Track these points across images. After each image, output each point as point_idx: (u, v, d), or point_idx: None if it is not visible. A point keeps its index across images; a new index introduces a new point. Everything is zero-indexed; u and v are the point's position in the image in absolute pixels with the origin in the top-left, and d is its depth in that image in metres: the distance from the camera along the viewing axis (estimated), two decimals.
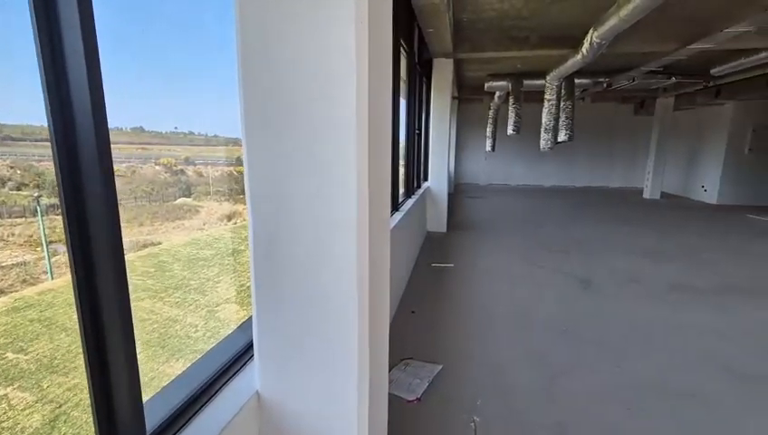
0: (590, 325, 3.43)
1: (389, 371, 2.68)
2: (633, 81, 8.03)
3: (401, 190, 4.60)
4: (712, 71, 7.42)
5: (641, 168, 12.27)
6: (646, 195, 11.23)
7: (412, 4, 3.93)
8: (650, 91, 10.37)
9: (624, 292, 4.20)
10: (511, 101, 8.63)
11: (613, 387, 2.56)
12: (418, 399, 2.39)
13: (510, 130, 8.76)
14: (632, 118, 12.80)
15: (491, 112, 11.02)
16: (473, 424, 2.20)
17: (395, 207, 4.02)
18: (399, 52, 3.67)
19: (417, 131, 5.51)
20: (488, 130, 11.35)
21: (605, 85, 8.43)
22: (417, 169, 6.01)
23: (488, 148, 11.59)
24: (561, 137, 8.06)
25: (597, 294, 4.15)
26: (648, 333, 3.30)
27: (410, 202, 4.63)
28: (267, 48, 0.99)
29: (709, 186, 10.41)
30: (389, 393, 2.44)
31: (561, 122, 8.01)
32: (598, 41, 4.62)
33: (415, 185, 5.62)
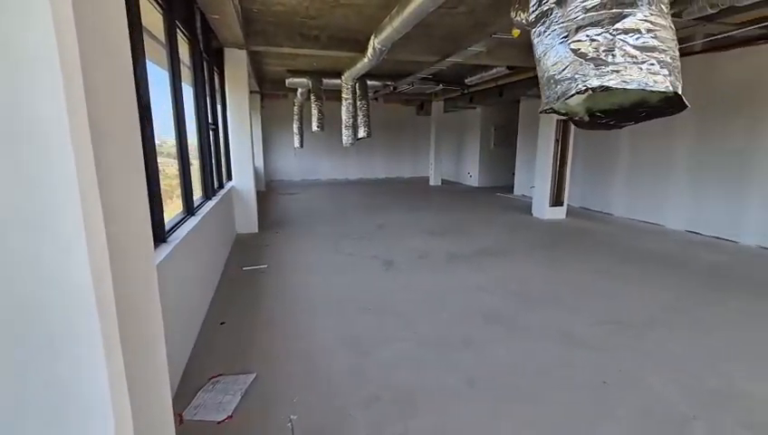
0: (392, 300, 3.86)
1: (195, 395, 2.40)
2: (412, 85, 9.37)
3: (197, 193, 4.14)
4: (466, 80, 9.32)
5: (426, 159, 14.52)
6: (431, 182, 13.39)
7: None
8: (426, 96, 12.34)
9: (417, 266, 4.89)
10: (312, 98, 8.87)
11: (412, 350, 2.95)
12: (230, 417, 2.21)
13: (314, 127, 9.02)
14: (415, 117, 14.99)
15: (295, 109, 11.09)
16: (290, 424, 2.18)
17: (190, 211, 3.59)
18: (175, 35, 3.24)
19: (212, 126, 5.05)
20: (295, 126, 11.41)
21: (392, 88, 9.57)
22: (217, 168, 5.53)
23: (296, 144, 11.67)
24: (361, 133, 8.77)
25: (397, 271, 4.70)
26: (434, 298, 3.93)
27: (210, 204, 4.22)
28: None
29: (473, 173, 13.16)
30: (195, 421, 2.18)
31: (359, 120, 8.70)
32: (379, 46, 5.16)
33: (216, 185, 5.16)
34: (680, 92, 1.13)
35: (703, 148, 6.41)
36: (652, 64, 1.06)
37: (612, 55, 1.08)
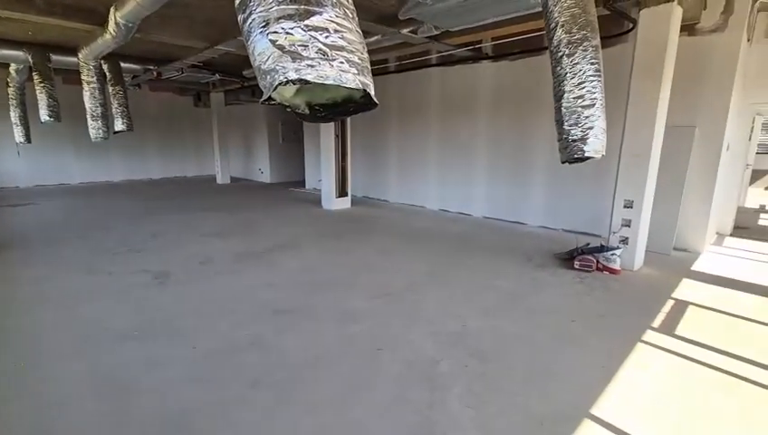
0: (167, 318, 3.36)
1: None
2: (182, 72, 8.34)
3: None
4: (244, 72, 8.91)
5: (212, 156, 13.29)
6: (219, 181, 12.38)
7: None
8: (202, 85, 11.24)
9: (199, 274, 4.41)
10: (37, 78, 6.80)
11: (188, 369, 2.62)
12: None
13: (45, 117, 6.96)
14: (194, 109, 13.49)
15: (12, 91, 8.28)
16: None
17: None
18: None
19: None
20: (13, 114, 8.52)
21: (155, 74, 8.28)
22: None
23: (20, 138, 8.76)
24: (119, 126, 7.30)
25: (173, 284, 4.12)
26: (219, 305, 3.62)
27: None
28: None
29: (264, 169, 12.83)
30: None
31: (114, 110, 7.21)
32: (123, 22, 4.33)
33: None
34: (370, 91, 1.31)
35: (446, 142, 8.02)
36: (342, 63, 1.19)
37: (307, 50, 1.16)
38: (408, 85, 8.39)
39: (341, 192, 8.48)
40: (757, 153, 10.11)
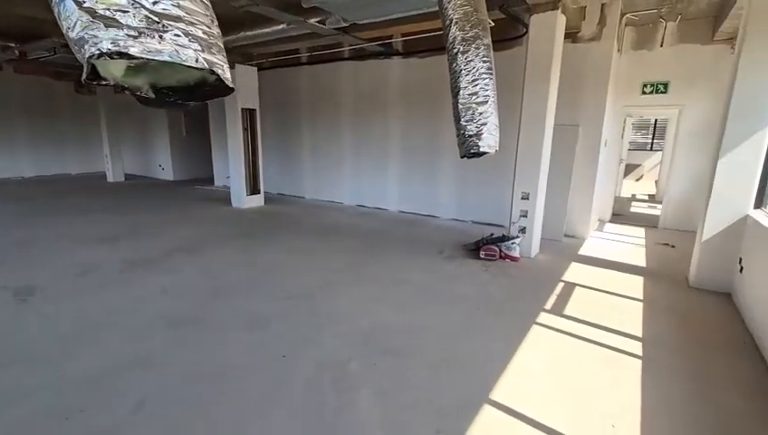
0: (26, 342, 2.82)
1: None
2: (55, 53, 7.17)
3: None
4: None
5: (101, 150, 11.70)
6: (110, 179, 10.96)
7: None
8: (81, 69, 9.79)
9: (75, 287, 3.81)
10: None
11: (51, 401, 2.21)
12: None
13: None
14: (77, 97, 11.73)
15: None
16: None
17: None
18: None
19: None
20: None
21: (18, 53, 7.01)
22: None
23: None
24: None
25: (40, 301, 3.50)
26: (98, 321, 3.15)
27: None
28: None
29: (165, 165, 11.65)
30: None
31: None
32: None
33: None
34: (218, 72, 1.16)
35: (360, 137, 7.97)
36: (178, 36, 1.03)
37: (127, 17, 0.98)
38: (320, 78, 8.18)
39: (253, 189, 8.01)
40: (629, 150, 11.74)
